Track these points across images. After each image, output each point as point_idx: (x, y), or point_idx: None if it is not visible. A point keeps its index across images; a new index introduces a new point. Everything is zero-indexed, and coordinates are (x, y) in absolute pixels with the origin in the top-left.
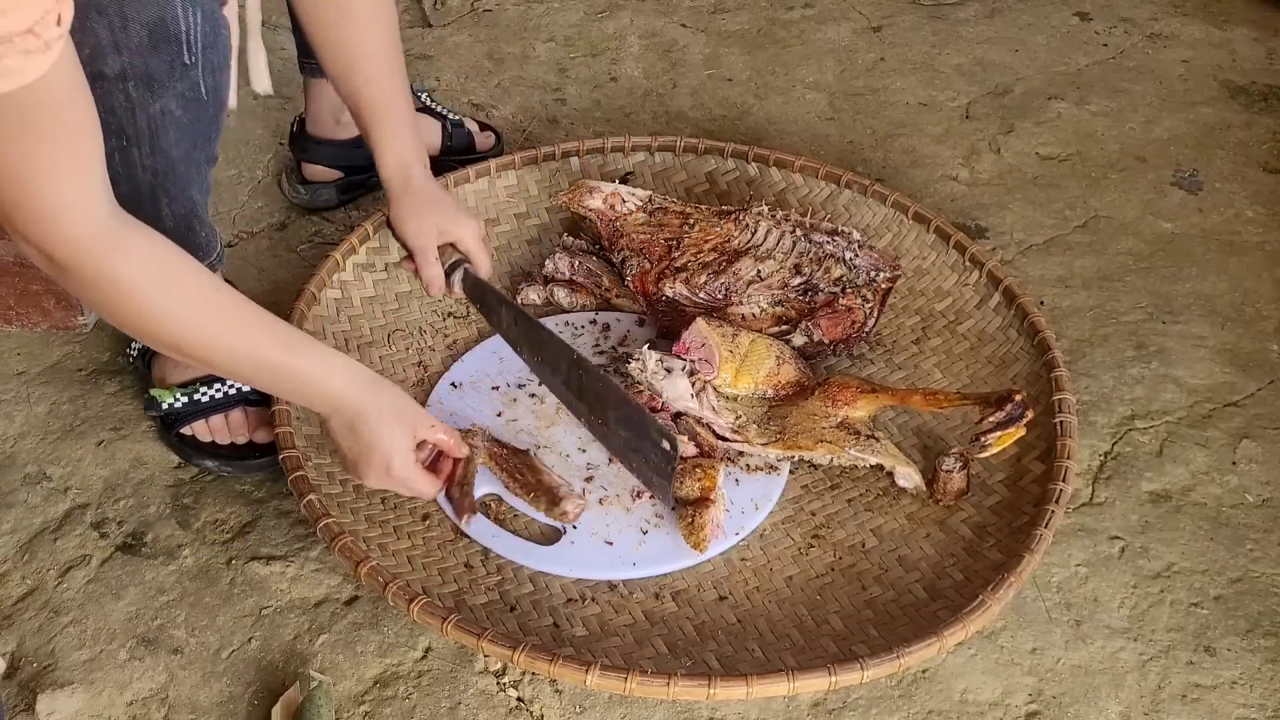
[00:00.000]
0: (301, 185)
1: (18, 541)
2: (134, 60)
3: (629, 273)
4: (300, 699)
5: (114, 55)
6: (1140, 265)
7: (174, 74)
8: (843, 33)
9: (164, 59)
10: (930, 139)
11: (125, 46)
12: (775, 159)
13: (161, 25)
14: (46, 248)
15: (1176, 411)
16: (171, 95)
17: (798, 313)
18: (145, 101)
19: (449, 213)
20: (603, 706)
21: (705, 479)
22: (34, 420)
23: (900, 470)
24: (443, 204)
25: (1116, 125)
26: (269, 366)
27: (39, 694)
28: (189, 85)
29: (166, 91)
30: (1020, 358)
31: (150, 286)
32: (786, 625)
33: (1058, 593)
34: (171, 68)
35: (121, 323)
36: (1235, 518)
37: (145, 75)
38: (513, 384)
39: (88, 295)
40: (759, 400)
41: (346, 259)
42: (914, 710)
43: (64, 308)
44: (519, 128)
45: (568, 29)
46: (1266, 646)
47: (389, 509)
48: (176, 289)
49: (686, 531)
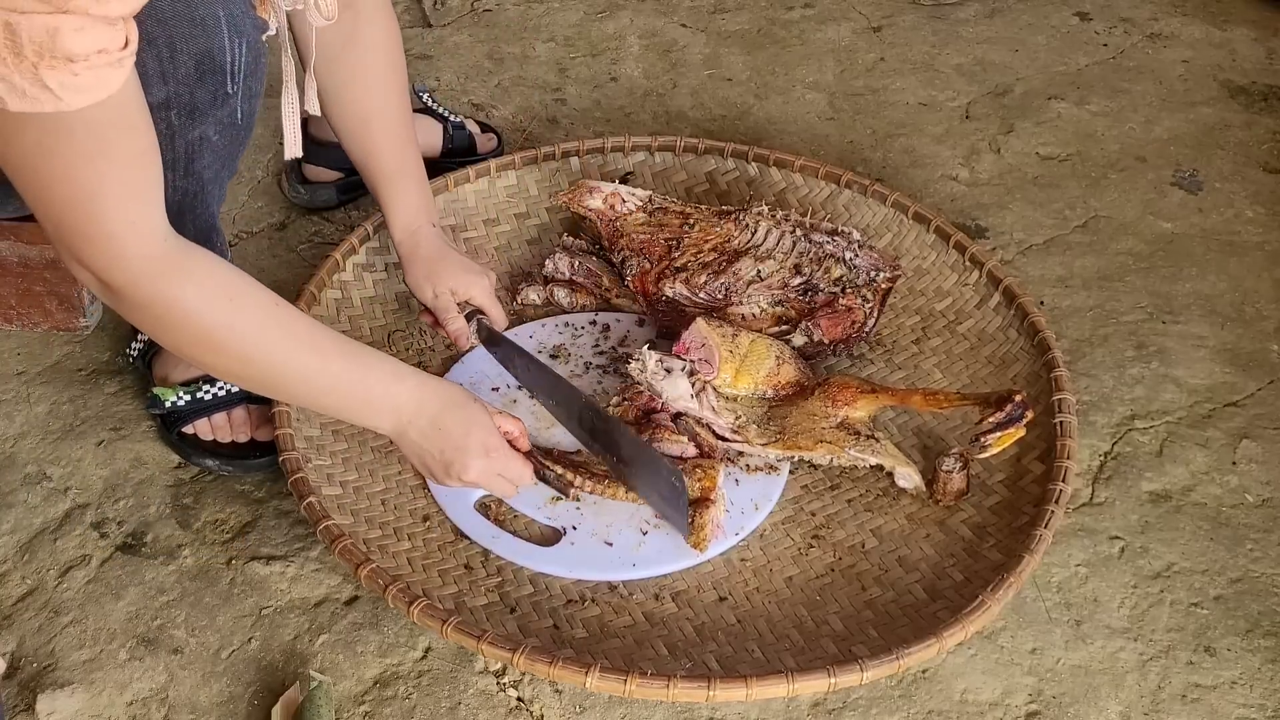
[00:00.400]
0: (302, 185)
1: (18, 541)
2: (179, 90)
3: (629, 273)
4: (300, 699)
5: (160, 85)
6: (1140, 265)
7: (216, 103)
8: (843, 33)
9: (208, 89)
10: (930, 139)
11: (172, 76)
12: (775, 159)
13: (209, 56)
14: (105, 272)
15: (1176, 411)
16: (211, 122)
17: (798, 313)
18: (185, 129)
19: (459, 273)
20: (602, 707)
21: (705, 479)
22: (34, 420)
23: (900, 470)
24: (452, 264)
25: (1116, 125)
26: (335, 378)
27: (39, 694)
28: (228, 113)
29: (207, 119)
30: (1020, 358)
31: (212, 307)
32: (786, 626)
33: (1058, 593)
34: (214, 97)
35: (179, 345)
36: (1235, 518)
37: (189, 105)
38: (513, 385)
39: (146, 318)
40: (759, 400)
41: (346, 259)
42: (914, 710)
43: (65, 308)
44: (519, 128)
45: (568, 29)
46: (1266, 646)
47: (389, 511)
48: (239, 308)
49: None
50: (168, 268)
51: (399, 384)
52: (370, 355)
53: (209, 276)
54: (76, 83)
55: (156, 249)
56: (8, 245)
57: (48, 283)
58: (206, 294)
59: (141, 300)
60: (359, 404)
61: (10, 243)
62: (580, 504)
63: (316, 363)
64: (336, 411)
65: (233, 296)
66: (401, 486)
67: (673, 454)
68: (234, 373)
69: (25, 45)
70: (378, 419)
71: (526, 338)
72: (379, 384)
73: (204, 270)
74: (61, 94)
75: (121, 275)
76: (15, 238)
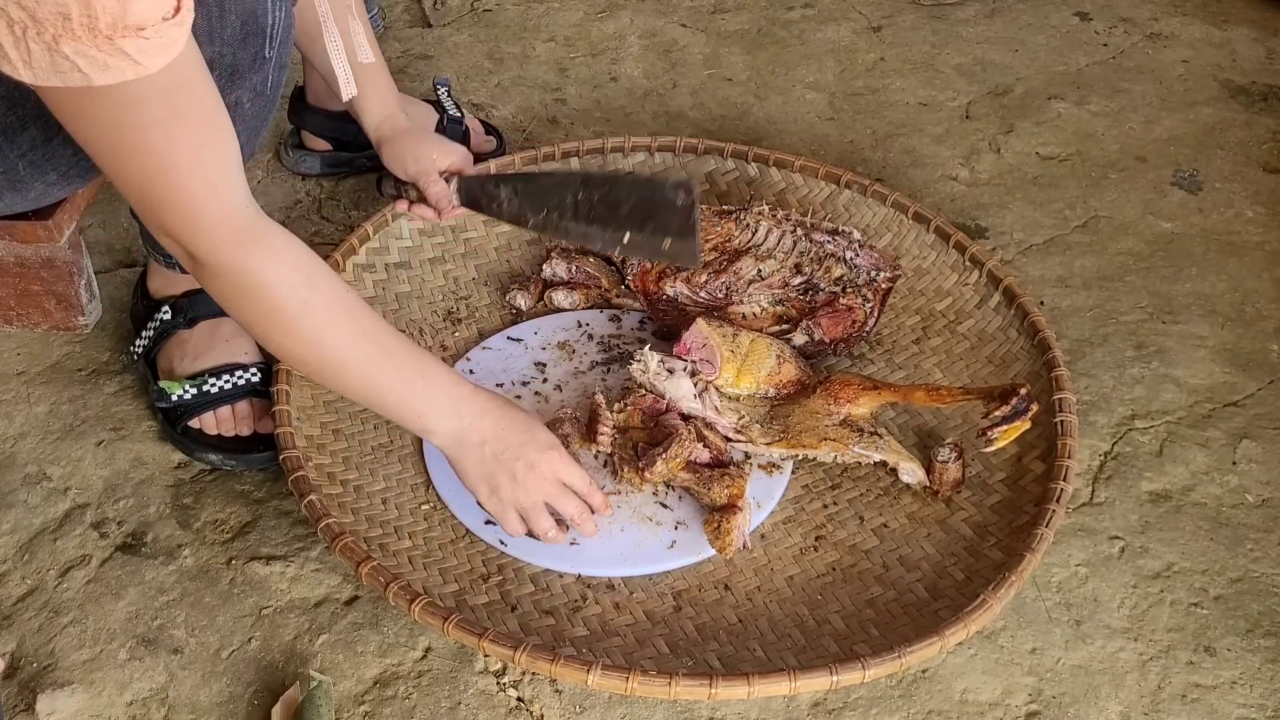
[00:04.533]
0: (293, 150)
1: (18, 541)
2: (224, 50)
3: (629, 272)
4: (300, 699)
5: (207, 44)
6: (1140, 265)
7: (254, 66)
8: (843, 33)
9: (249, 51)
10: (930, 139)
11: (219, 36)
12: (775, 159)
13: (253, 17)
14: (188, 239)
15: (1176, 411)
16: (246, 87)
17: (798, 312)
18: (225, 91)
19: (437, 143)
20: (603, 706)
21: (734, 487)
22: (34, 420)
23: (904, 466)
24: (430, 138)
25: (1116, 125)
26: (397, 373)
27: (39, 694)
28: (261, 79)
29: (244, 83)
30: (1020, 357)
31: (289, 280)
32: (788, 625)
33: (1058, 593)
34: (254, 60)
35: (253, 319)
36: (1235, 518)
37: (231, 66)
38: (517, 381)
39: (225, 287)
40: (761, 400)
41: (346, 259)
42: (914, 710)
43: (63, 307)
44: (519, 128)
45: (568, 29)
46: (1266, 646)
47: (390, 509)
48: (315, 289)
49: (712, 536)
50: (249, 236)
51: (459, 387)
52: (432, 359)
53: (288, 252)
54: (149, 45)
55: (238, 216)
56: (3, 245)
57: (45, 282)
58: (285, 269)
59: (222, 267)
60: (420, 402)
61: (6, 242)
62: None
63: (380, 357)
64: (393, 409)
65: (309, 275)
66: (402, 485)
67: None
68: (298, 355)
69: (100, 18)
70: (437, 420)
71: (531, 334)
72: (440, 386)
73: (283, 245)
74: (140, 58)
75: (204, 241)
76: (10, 237)
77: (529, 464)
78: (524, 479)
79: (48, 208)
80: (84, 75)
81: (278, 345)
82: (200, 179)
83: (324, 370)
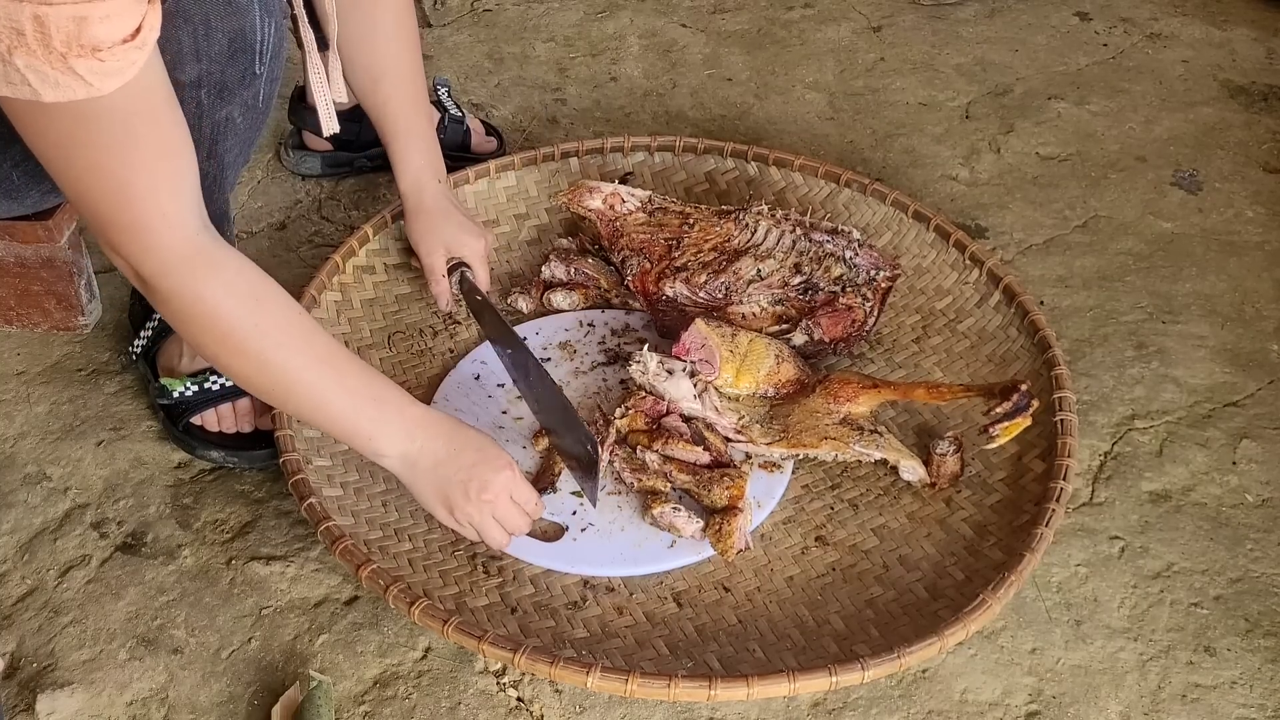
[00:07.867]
0: (294, 151)
1: (18, 541)
2: (211, 68)
3: (629, 273)
4: (300, 699)
5: (193, 62)
6: (1140, 265)
7: (244, 83)
8: (843, 33)
9: (238, 68)
10: (930, 139)
11: (205, 54)
12: (775, 158)
13: (241, 35)
14: (136, 261)
15: (1176, 411)
16: (237, 103)
17: (798, 312)
18: (214, 109)
19: (456, 231)
20: (603, 706)
21: (734, 488)
22: (34, 420)
23: (905, 464)
24: (452, 221)
25: (1116, 125)
26: (350, 395)
27: (39, 694)
28: (252, 94)
29: (234, 99)
30: (1020, 356)
31: (239, 306)
32: (787, 625)
33: (1058, 593)
34: (243, 77)
35: (202, 342)
36: (1235, 518)
37: (219, 83)
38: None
39: (172, 310)
40: (760, 400)
41: (346, 261)
42: (914, 710)
43: (63, 307)
44: (519, 128)
45: (568, 29)
46: (1266, 646)
47: (389, 512)
48: (265, 312)
49: (714, 538)
50: (199, 263)
51: (413, 408)
52: (388, 382)
53: (238, 276)
54: (104, 68)
55: (188, 242)
56: (3, 245)
57: (45, 282)
58: (235, 293)
59: (169, 291)
60: (371, 425)
61: (6, 243)
62: (583, 501)
63: (332, 379)
64: (345, 432)
65: (260, 299)
66: (401, 487)
67: (687, 460)
68: (249, 377)
69: (54, 36)
70: (389, 442)
71: (532, 334)
72: (393, 408)
73: (234, 269)
74: (92, 79)
75: (151, 265)
76: (10, 237)
77: (482, 484)
78: (477, 497)
79: (47, 209)
80: (33, 90)
81: (226, 366)
82: (153, 205)
83: (273, 392)
